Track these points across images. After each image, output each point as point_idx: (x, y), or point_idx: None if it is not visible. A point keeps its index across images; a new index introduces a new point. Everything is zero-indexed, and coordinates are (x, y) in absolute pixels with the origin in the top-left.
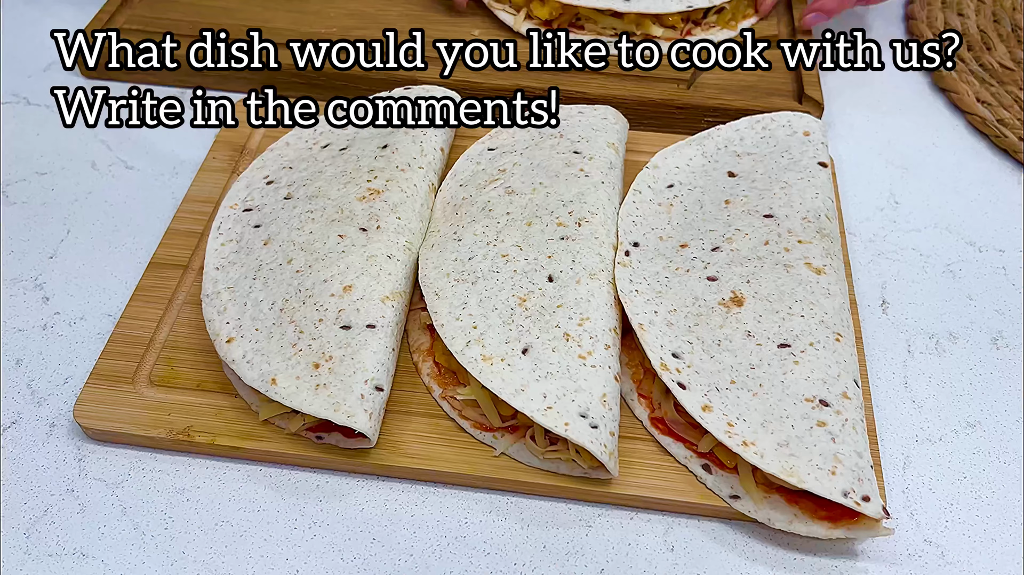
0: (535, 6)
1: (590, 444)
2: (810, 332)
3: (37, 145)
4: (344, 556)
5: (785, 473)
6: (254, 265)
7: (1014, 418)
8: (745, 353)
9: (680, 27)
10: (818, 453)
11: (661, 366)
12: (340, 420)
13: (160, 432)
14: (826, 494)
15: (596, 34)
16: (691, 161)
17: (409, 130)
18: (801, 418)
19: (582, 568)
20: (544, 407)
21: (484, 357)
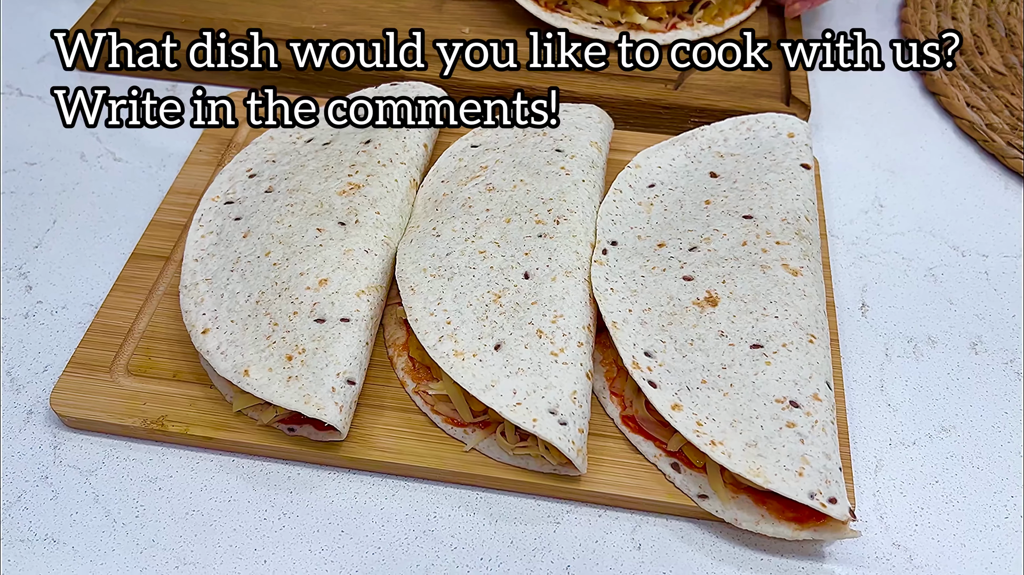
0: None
1: (558, 441)
2: (783, 333)
3: (28, 136)
4: (312, 548)
5: (752, 473)
6: (232, 257)
7: (990, 423)
8: (717, 353)
9: (666, 19)
10: (786, 454)
11: (633, 364)
12: (310, 412)
13: (134, 421)
14: (792, 495)
15: (581, 19)
16: (674, 161)
17: (392, 126)
18: (771, 419)
19: (548, 564)
20: (513, 403)
21: (456, 352)
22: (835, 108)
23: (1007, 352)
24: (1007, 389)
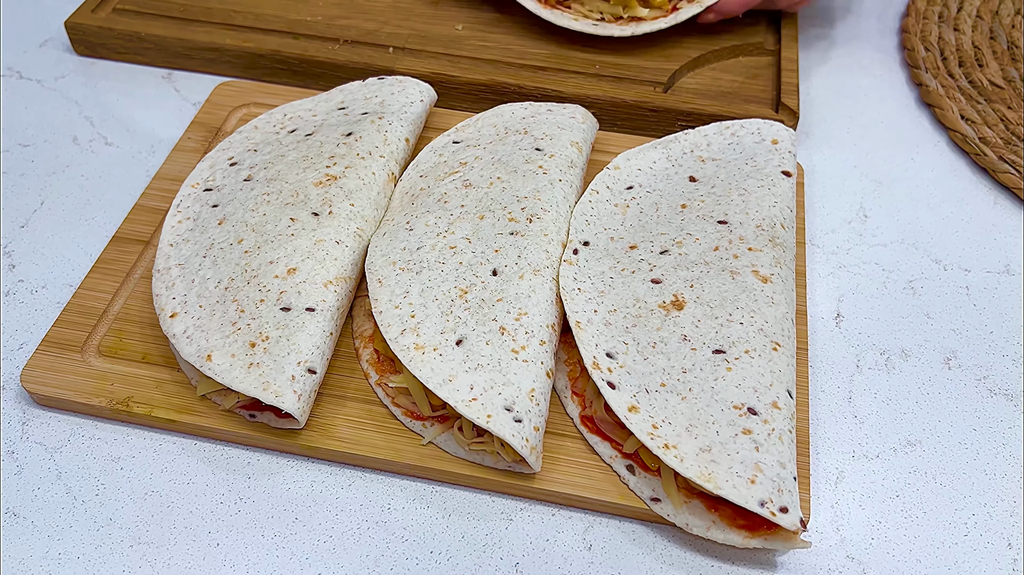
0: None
1: (511, 437)
2: (747, 339)
3: (24, 118)
4: (265, 533)
5: (702, 478)
6: (206, 243)
7: (957, 439)
8: (679, 357)
9: (666, 7)
10: (739, 461)
11: (593, 364)
12: (268, 399)
13: (100, 401)
14: (741, 502)
15: (582, 15)
16: (654, 164)
17: (376, 119)
18: (727, 424)
19: (498, 561)
20: (469, 398)
21: (417, 346)
22: (827, 116)
23: (981, 369)
24: (978, 406)
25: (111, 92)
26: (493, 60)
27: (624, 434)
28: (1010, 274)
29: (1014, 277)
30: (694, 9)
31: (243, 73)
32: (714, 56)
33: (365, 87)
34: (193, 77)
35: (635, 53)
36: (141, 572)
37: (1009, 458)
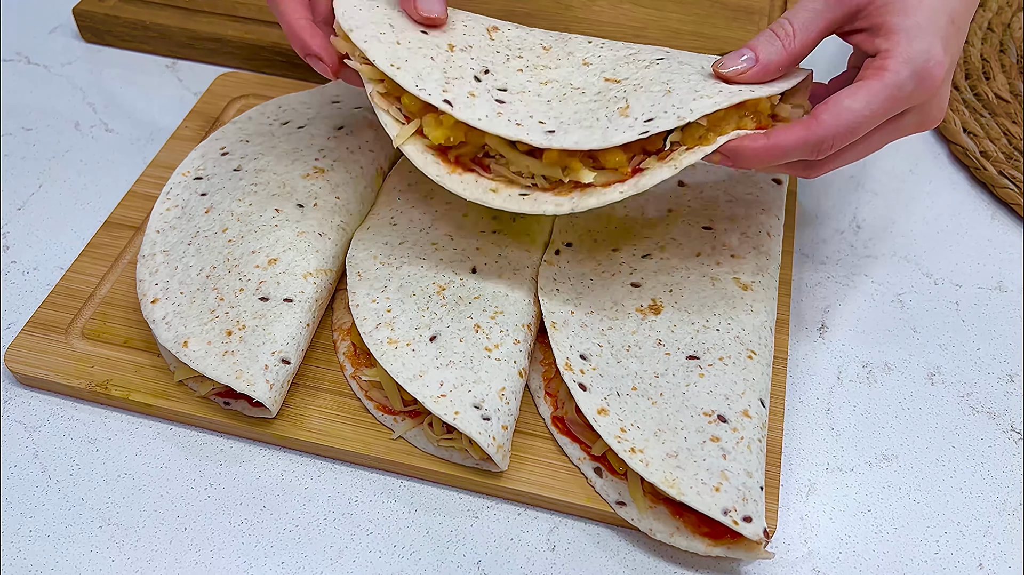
0: (429, 122)
1: (478, 435)
2: (722, 346)
3: (28, 102)
4: (232, 520)
5: (666, 484)
6: (192, 231)
7: (935, 456)
8: (652, 361)
9: (624, 169)
10: (705, 468)
11: (565, 366)
12: (240, 387)
13: (80, 383)
14: (703, 509)
15: (506, 181)
16: None
17: (368, 113)
18: (696, 431)
19: (460, 558)
20: (438, 394)
21: (390, 340)
22: None
23: (965, 386)
24: (959, 423)
25: (115, 79)
26: None
27: (593, 436)
28: (1003, 291)
29: (1007, 294)
30: (664, 172)
31: (244, 64)
32: None
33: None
34: (196, 67)
35: None
36: (108, 553)
37: (987, 477)
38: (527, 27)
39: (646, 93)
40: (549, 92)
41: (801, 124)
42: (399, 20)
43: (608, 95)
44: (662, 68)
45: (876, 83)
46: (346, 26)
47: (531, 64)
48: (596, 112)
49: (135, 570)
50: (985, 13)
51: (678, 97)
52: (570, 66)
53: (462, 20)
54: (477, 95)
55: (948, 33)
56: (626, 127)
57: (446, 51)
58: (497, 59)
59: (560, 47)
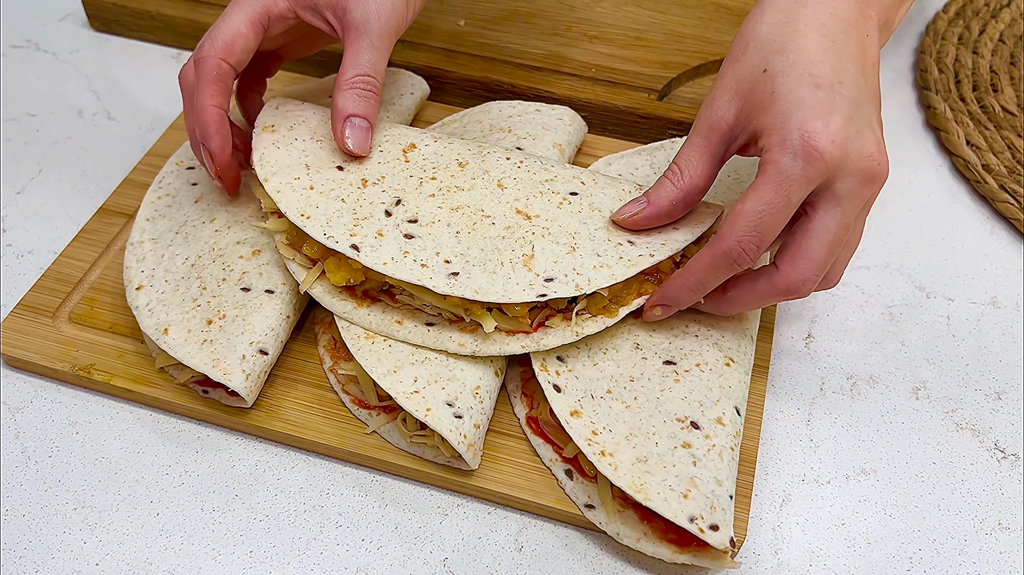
0: (330, 265)
1: (448, 432)
2: (700, 352)
3: (34, 88)
4: (204, 507)
5: (633, 488)
6: (180, 220)
7: (914, 472)
8: (629, 364)
9: (526, 321)
10: (675, 474)
11: (541, 367)
12: (216, 376)
13: (64, 366)
14: (669, 515)
15: (412, 312)
16: (636, 170)
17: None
18: (667, 437)
19: (427, 554)
20: (411, 391)
21: (367, 335)
22: None
23: (950, 401)
24: (942, 439)
25: (120, 68)
26: (490, 58)
27: (565, 438)
28: (996, 307)
29: (1000, 310)
30: (567, 336)
31: None
32: (715, 66)
33: None
34: None
35: (634, 59)
36: (81, 535)
37: (966, 495)
38: (447, 138)
39: (552, 244)
40: (459, 221)
41: (707, 245)
42: (316, 155)
43: (517, 233)
44: (573, 211)
45: (762, 178)
46: (262, 174)
47: (444, 186)
48: (502, 253)
49: (105, 553)
50: (997, 25)
51: (580, 260)
52: (484, 187)
53: (380, 143)
54: (385, 234)
55: (818, 99)
56: (526, 284)
57: (358, 188)
58: (410, 184)
59: (477, 163)
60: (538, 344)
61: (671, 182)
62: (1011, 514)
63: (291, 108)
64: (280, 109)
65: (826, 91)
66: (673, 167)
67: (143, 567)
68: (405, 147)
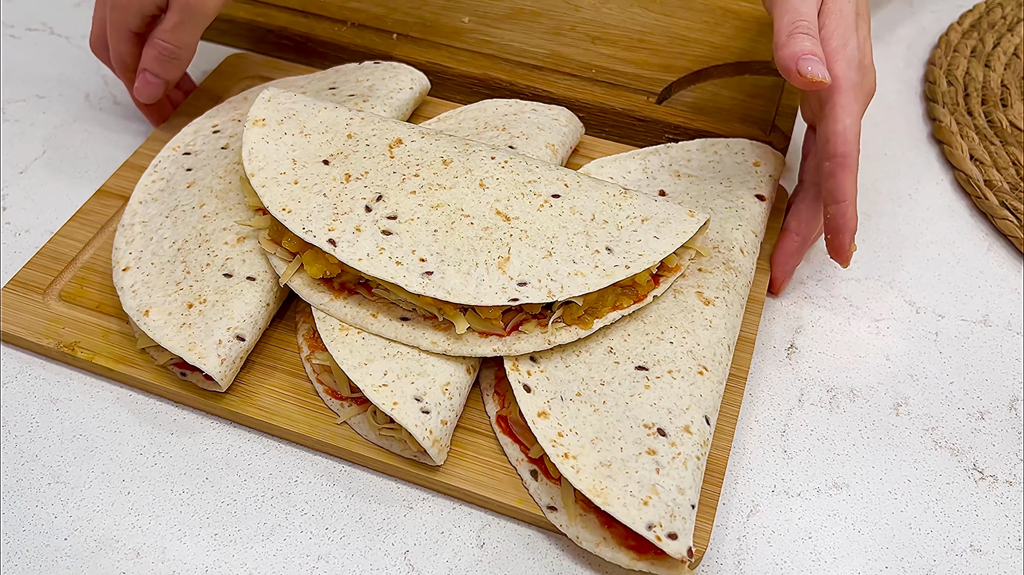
0: (308, 258)
1: (414, 427)
2: (673, 359)
3: (45, 71)
4: (174, 488)
5: (594, 492)
6: (172, 204)
7: (888, 488)
8: (601, 368)
9: (499, 323)
10: (637, 480)
11: (512, 366)
12: (192, 360)
13: (49, 342)
14: (627, 521)
15: (387, 305)
16: (629, 174)
17: (360, 102)
18: (633, 442)
19: (389, 546)
20: (379, 383)
21: (342, 327)
22: None
23: (931, 419)
24: (918, 457)
25: None
26: (491, 55)
27: (533, 438)
28: (987, 325)
29: (990, 329)
30: (539, 343)
31: (254, 47)
32: (718, 71)
33: (359, 70)
34: (207, 47)
35: (635, 62)
36: (53, 509)
37: (939, 515)
38: (435, 135)
39: (529, 248)
40: (438, 219)
41: (839, 169)
42: (303, 150)
43: (495, 235)
44: (553, 214)
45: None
46: (249, 170)
47: (427, 183)
48: (478, 254)
49: (75, 528)
50: (1012, 38)
51: (555, 265)
52: (466, 186)
53: (367, 136)
54: (363, 229)
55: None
56: (499, 287)
57: (341, 183)
58: (392, 181)
59: (461, 161)
60: (510, 348)
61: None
62: (984, 536)
63: (283, 100)
64: (272, 101)
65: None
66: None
67: (110, 544)
68: (392, 142)
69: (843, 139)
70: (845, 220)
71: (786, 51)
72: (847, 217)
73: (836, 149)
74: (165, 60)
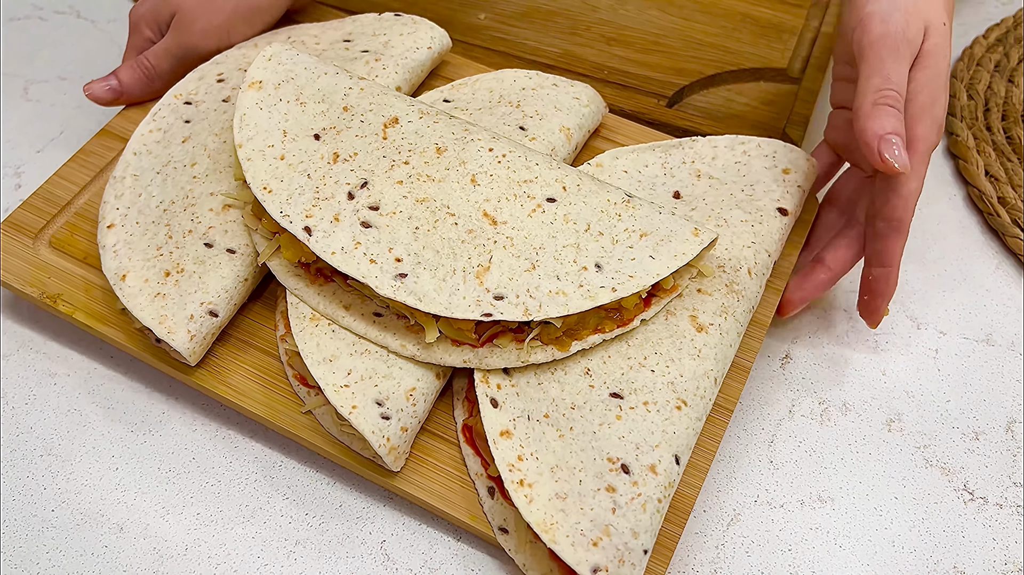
0: (285, 240)
1: (370, 434)
2: (651, 390)
3: (70, 53)
4: (161, 466)
5: (542, 527)
6: (165, 159)
7: (873, 504)
8: (574, 390)
9: (471, 335)
10: (590, 518)
11: (482, 378)
12: (160, 333)
13: (33, 291)
14: (571, 562)
15: (360, 302)
16: (645, 168)
17: (372, 60)
18: (594, 476)
19: (366, 535)
20: (341, 383)
21: (313, 317)
22: None
23: (924, 437)
24: (908, 475)
25: None
26: (505, 53)
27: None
28: (989, 344)
29: (993, 348)
30: (512, 359)
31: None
32: (732, 77)
33: (378, 22)
34: None
35: (649, 64)
36: (43, 480)
37: (924, 534)
38: (435, 114)
39: (512, 258)
40: (421, 215)
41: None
42: (296, 120)
43: (478, 239)
44: (545, 221)
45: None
46: (238, 139)
47: (416, 173)
48: (457, 259)
49: (62, 500)
50: None
51: (537, 280)
52: (456, 181)
53: (363, 111)
54: (342, 219)
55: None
56: (473, 300)
57: (328, 163)
58: (380, 167)
59: (456, 151)
60: (481, 361)
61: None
62: (970, 559)
63: (284, 60)
64: (273, 60)
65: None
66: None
67: (95, 518)
68: (387, 121)
69: (905, 205)
70: (888, 286)
71: (868, 126)
72: (890, 282)
73: (895, 213)
74: (137, 76)
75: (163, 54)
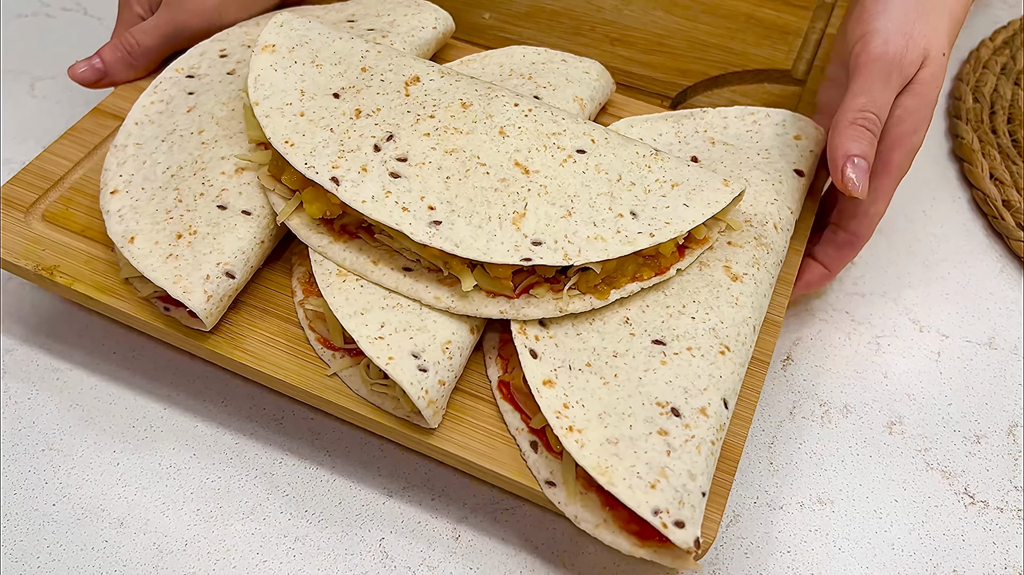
0: (307, 196)
1: (409, 385)
2: (693, 336)
3: (75, 49)
4: (162, 462)
5: (598, 470)
6: (170, 128)
7: (873, 507)
8: (614, 339)
9: (508, 284)
10: (645, 461)
11: (520, 329)
12: (175, 293)
13: (28, 263)
14: (632, 504)
15: (389, 253)
16: (659, 137)
17: (378, 38)
18: (644, 420)
19: (365, 532)
20: (375, 335)
21: (339, 272)
22: None
23: (925, 439)
24: (908, 478)
25: None
26: None
27: (536, 407)
28: (992, 348)
29: (995, 352)
30: (550, 309)
31: None
32: (736, 78)
33: (381, 3)
34: None
35: (653, 65)
36: (44, 474)
37: (924, 537)
38: (455, 74)
39: (547, 205)
40: (452, 166)
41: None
42: (313, 81)
43: (512, 188)
44: (576, 170)
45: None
46: (254, 98)
47: (442, 126)
48: (492, 207)
49: (63, 495)
50: None
51: (574, 226)
52: (484, 133)
53: (383, 71)
54: (370, 169)
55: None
56: (511, 245)
57: (350, 119)
58: (405, 121)
59: (482, 106)
60: (518, 312)
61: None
62: (969, 562)
63: (296, 27)
64: (285, 27)
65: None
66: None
67: (95, 513)
68: (408, 79)
69: (869, 223)
70: (820, 285)
71: (841, 143)
72: (823, 284)
73: (858, 230)
74: (120, 54)
75: (151, 30)
